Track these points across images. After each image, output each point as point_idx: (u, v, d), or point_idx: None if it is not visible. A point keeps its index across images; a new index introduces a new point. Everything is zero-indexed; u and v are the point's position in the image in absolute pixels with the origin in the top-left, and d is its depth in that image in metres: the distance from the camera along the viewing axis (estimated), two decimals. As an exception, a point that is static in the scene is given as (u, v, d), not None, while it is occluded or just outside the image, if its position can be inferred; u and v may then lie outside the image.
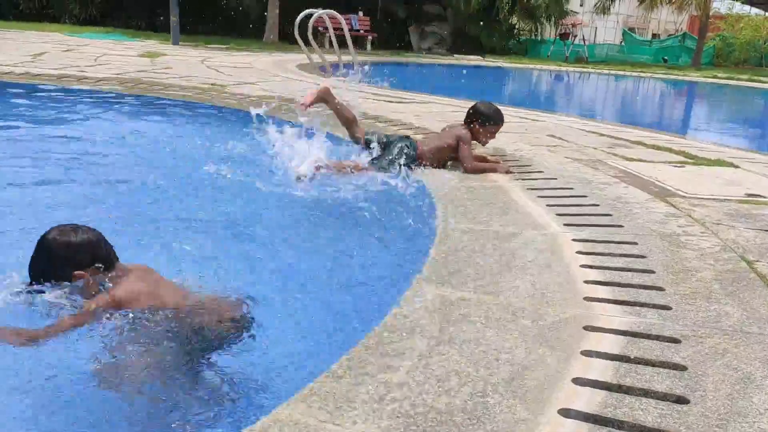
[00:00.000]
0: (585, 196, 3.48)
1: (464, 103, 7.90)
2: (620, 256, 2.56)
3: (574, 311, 2.02)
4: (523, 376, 1.61)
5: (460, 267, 2.36)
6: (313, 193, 3.61)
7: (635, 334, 1.87)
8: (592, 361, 1.71)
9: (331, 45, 12.84)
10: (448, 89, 9.26)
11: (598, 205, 3.31)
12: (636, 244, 2.71)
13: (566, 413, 1.47)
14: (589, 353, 1.75)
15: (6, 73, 7.58)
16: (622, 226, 2.96)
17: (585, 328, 1.91)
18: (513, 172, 4.03)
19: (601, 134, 5.97)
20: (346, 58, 11.17)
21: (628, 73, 20.81)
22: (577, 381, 1.61)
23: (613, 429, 1.42)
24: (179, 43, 15.57)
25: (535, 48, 26.95)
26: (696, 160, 4.81)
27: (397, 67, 17.42)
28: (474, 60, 21.31)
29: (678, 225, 3.01)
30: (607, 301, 2.11)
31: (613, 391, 1.57)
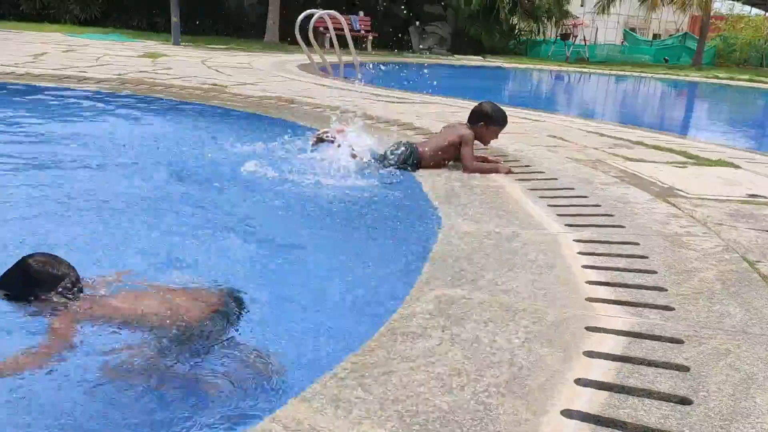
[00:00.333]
0: (586, 197, 3.48)
1: (465, 104, 7.90)
2: (622, 256, 2.56)
3: (575, 311, 2.02)
4: (525, 376, 1.61)
5: (461, 267, 2.36)
6: (315, 194, 3.61)
7: (637, 335, 1.87)
8: (595, 361, 1.71)
9: (331, 45, 12.85)
10: (448, 90, 9.26)
11: (599, 206, 3.30)
12: (638, 244, 2.71)
13: (569, 414, 1.47)
14: (591, 354, 1.75)
15: (7, 74, 7.58)
16: (623, 227, 2.95)
17: (587, 328, 1.90)
18: (514, 172, 4.03)
19: (601, 134, 5.97)
20: (347, 58, 11.18)
21: (628, 73, 20.80)
22: (579, 381, 1.60)
23: (615, 430, 1.42)
24: (180, 44, 15.58)
25: (536, 48, 26.94)
26: (697, 160, 4.81)
27: (398, 68, 17.44)
28: (474, 60, 21.32)
29: (680, 225, 3.00)
30: (609, 302, 2.11)
31: (615, 392, 1.57)
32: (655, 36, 37.82)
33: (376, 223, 3.26)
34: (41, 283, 1.93)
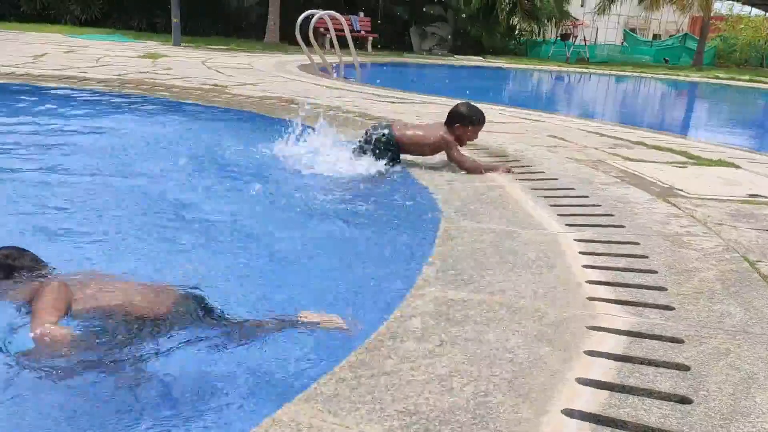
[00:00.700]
0: (586, 197, 3.48)
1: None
2: (622, 256, 2.56)
3: (576, 311, 2.02)
4: (525, 375, 1.61)
5: (462, 267, 2.36)
6: (314, 191, 3.61)
7: (638, 334, 1.87)
8: (595, 360, 1.71)
9: (332, 46, 12.86)
10: (449, 90, 9.27)
11: (599, 206, 3.30)
12: (638, 244, 2.71)
13: (569, 413, 1.47)
14: (591, 353, 1.75)
15: (7, 74, 7.58)
16: (623, 227, 2.95)
17: (587, 328, 1.90)
18: (513, 172, 4.03)
19: (602, 135, 5.97)
20: (347, 58, 11.19)
21: (629, 73, 20.81)
22: (579, 381, 1.61)
23: (616, 429, 1.42)
24: (180, 44, 15.58)
25: (536, 49, 26.95)
26: (697, 160, 4.81)
27: (398, 68, 17.45)
28: (475, 61, 21.33)
29: (680, 225, 3.01)
30: (610, 302, 2.11)
31: (616, 391, 1.57)
32: (655, 36, 37.84)
33: (376, 222, 3.26)
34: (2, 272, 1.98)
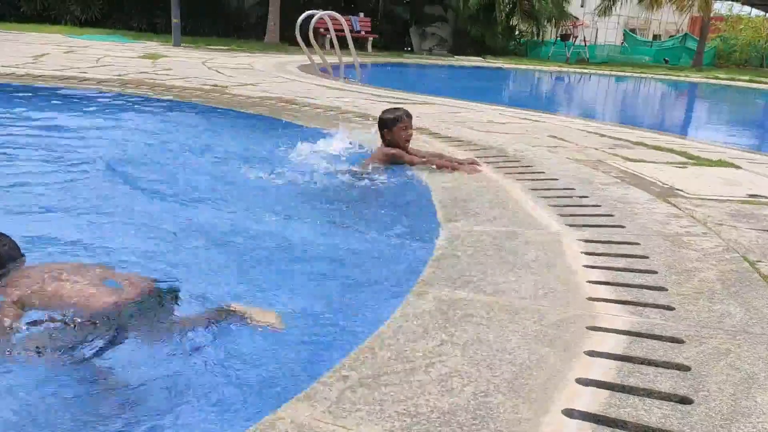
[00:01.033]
0: (586, 197, 3.48)
1: (465, 104, 7.92)
2: (622, 256, 2.56)
3: (576, 311, 2.02)
4: (525, 376, 1.61)
5: (462, 267, 2.36)
6: (313, 193, 3.61)
7: (638, 335, 1.87)
8: (595, 361, 1.71)
9: (332, 46, 12.85)
10: (449, 90, 9.27)
11: (599, 206, 3.30)
12: (638, 244, 2.71)
13: (569, 413, 1.47)
14: (592, 353, 1.75)
15: (7, 75, 7.59)
16: (624, 227, 2.95)
17: (588, 328, 1.90)
18: (481, 166, 4.07)
19: (602, 135, 5.97)
20: (347, 59, 11.19)
21: (629, 74, 20.80)
22: (580, 381, 1.60)
23: (616, 429, 1.42)
24: (180, 45, 15.59)
25: (536, 49, 26.94)
26: (697, 160, 4.81)
27: (398, 69, 17.45)
28: (475, 61, 21.32)
29: (680, 225, 3.01)
30: (610, 302, 2.11)
31: (616, 391, 1.57)
32: (655, 37, 37.84)
33: (377, 222, 3.26)
34: None
